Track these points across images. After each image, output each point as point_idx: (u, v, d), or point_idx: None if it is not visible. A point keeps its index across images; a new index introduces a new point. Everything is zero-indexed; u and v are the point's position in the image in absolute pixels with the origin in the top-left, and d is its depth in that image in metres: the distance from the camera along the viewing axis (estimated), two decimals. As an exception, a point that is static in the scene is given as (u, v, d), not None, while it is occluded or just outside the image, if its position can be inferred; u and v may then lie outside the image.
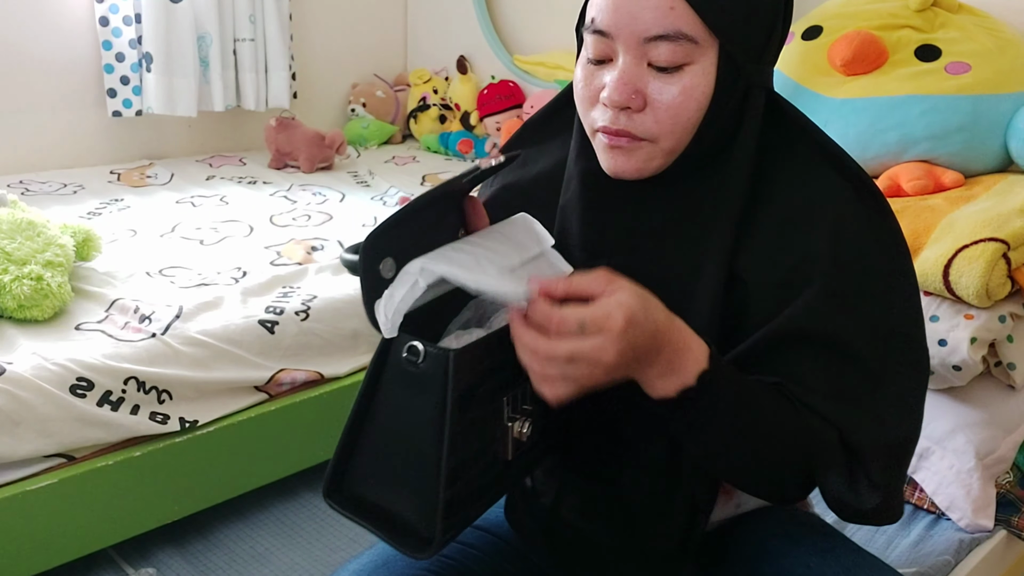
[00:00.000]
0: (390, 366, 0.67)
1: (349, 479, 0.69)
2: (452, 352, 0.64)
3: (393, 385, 0.67)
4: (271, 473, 1.63)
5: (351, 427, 0.69)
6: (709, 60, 0.72)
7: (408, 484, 0.67)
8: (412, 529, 0.67)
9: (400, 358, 0.65)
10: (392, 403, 0.67)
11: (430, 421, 0.65)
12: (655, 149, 0.75)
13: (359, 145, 2.92)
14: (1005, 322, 1.41)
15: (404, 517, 0.68)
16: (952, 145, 1.61)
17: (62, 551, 1.38)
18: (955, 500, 1.44)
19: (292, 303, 1.62)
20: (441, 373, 0.64)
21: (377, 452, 0.68)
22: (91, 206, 2.10)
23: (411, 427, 0.66)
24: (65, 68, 2.40)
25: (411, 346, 0.65)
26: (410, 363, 0.65)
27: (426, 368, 0.64)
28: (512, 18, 2.92)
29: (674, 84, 0.72)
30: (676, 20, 0.70)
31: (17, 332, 1.42)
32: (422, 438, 0.66)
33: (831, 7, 1.85)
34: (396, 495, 0.68)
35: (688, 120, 0.74)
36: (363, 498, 0.69)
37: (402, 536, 0.67)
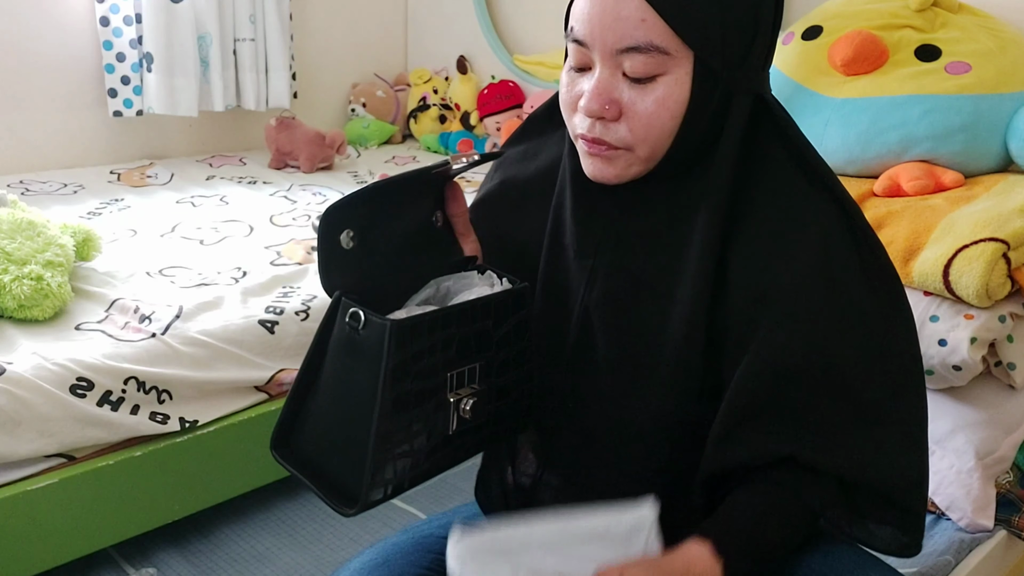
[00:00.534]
0: (335, 332, 0.70)
1: (296, 436, 0.73)
2: (391, 322, 0.67)
3: (337, 351, 0.70)
4: (271, 473, 1.63)
5: (297, 387, 0.72)
6: (684, 70, 0.72)
7: (344, 446, 0.70)
8: (345, 488, 0.71)
9: (344, 323, 0.69)
10: (335, 368, 0.71)
11: (367, 387, 0.68)
12: (632, 157, 0.76)
13: (359, 145, 2.92)
14: (1005, 322, 1.41)
15: (339, 476, 0.71)
16: (953, 145, 1.61)
17: (63, 551, 1.38)
18: (955, 500, 1.44)
19: (292, 303, 1.62)
20: (379, 342, 0.67)
21: (320, 413, 0.72)
22: (91, 206, 2.10)
23: (351, 392, 0.70)
24: (66, 68, 2.40)
25: (353, 312, 0.68)
26: (352, 328, 0.68)
27: (366, 336, 0.67)
28: (512, 18, 2.92)
29: (648, 94, 0.72)
30: (648, 32, 0.70)
31: (17, 332, 1.42)
32: (359, 403, 0.69)
33: (831, 7, 1.85)
34: (334, 455, 0.72)
35: (662, 130, 0.74)
36: (307, 456, 0.73)
37: (333, 493, 0.71)
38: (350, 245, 0.71)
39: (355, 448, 0.68)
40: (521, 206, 0.90)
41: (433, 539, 0.89)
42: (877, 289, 0.77)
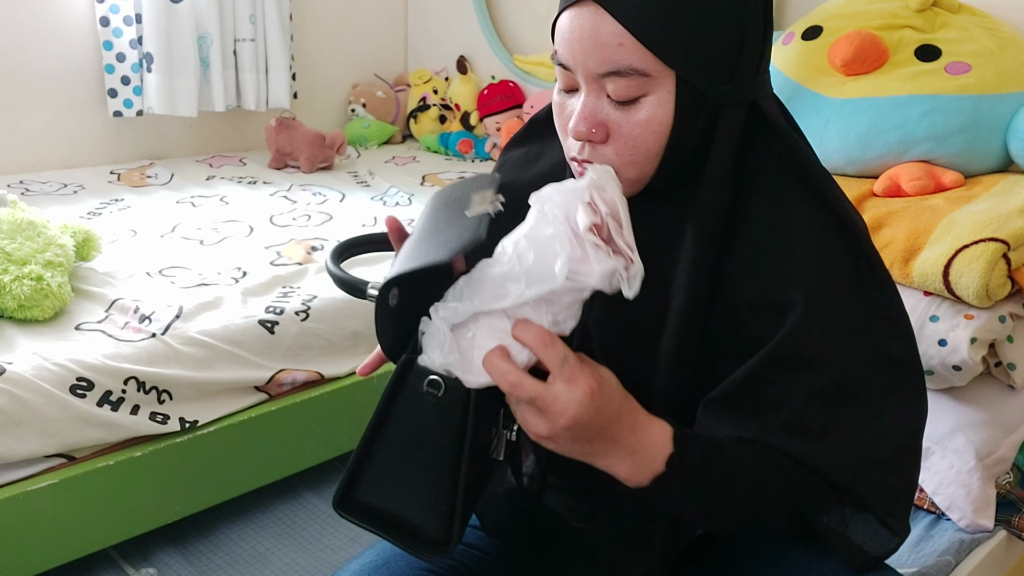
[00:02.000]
0: (408, 391, 0.71)
1: (359, 490, 0.73)
2: (473, 389, 0.68)
3: (410, 408, 0.71)
4: (271, 473, 1.63)
5: (366, 443, 0.72)
6: (666, 90, 0.71)
7: (422, 495, 0.72)
8: (422, 533, 0.72)
9: (418, 388, 0.70)
10: (408, 424, 0.71)
11: (445, 444, 0.70)
12: (621, 177, 0.75)
13: (359, 145, 2.92)
14: (1005, 322, 1.41)
15: (415, 524, 0.72)
16: (953, 145, 1.61)
17: (63, 551, 1.38)
18: (955, 500, 1.44)
19: (292, 303, 1.62)
20: (460, 405, 0.69)
21: (390, 466, 0.72)
22: (91, 206, 2.10)
23: (427, 446, 0.71)
24: (66, 68, 2.40)
25: (432, 380, 0.69)
26: (429, 395, 0.69)
27: (444, 400, 0.69)
28: (512, 18, 2.92)
29: (631, 116, 0.72)
30: (626, 56, 0.70)
31: (17, 332, 1.42)
32: (436, 457, 0.71)
33: (831, 7, 1.85)
34: (407, 505, 0.72)
35: (648, 151, 0.74)
36: (373, 507, 0.73)
37: (415, 541, 0.72)
38: (394, 302, 0.72)
39: (435, 499, 0.71)
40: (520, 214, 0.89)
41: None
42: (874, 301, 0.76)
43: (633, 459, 0.70)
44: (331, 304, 1.66)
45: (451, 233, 0.73)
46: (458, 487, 0.70)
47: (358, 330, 1.69)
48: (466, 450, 0.69)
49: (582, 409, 0.66)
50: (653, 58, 0.70)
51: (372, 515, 0.73)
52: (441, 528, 0.71)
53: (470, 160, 2.82)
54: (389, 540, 0.72)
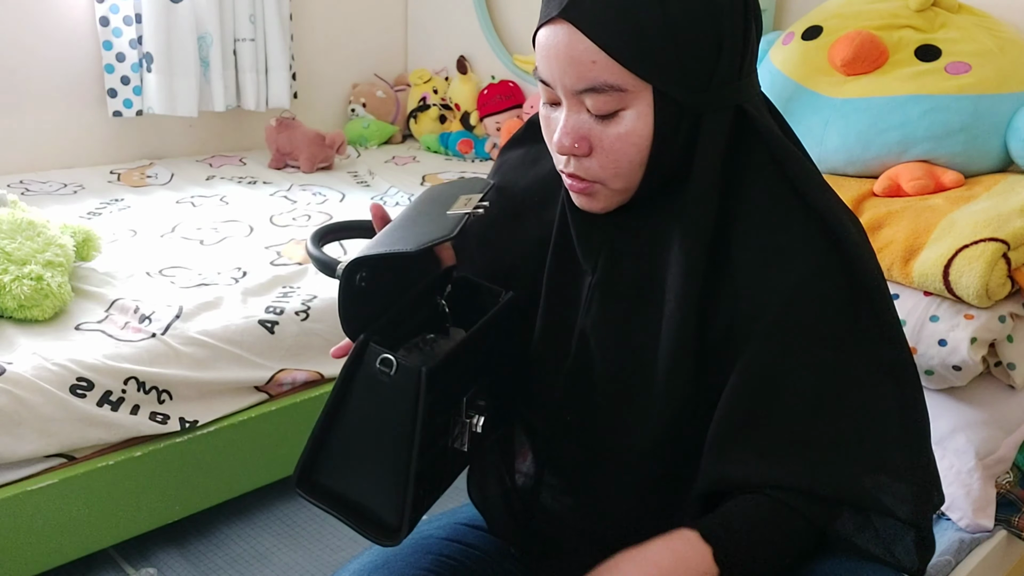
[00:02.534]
0: (362, 373, 0.71)
1: (319, 471, 0.74)
2: (424, 369, 0.68)
3: (364, 391, 0.72)
4: (271, 473, 1.63)
5: (322, 424, 0.73)
6: (644, 102, 0.71)
7: (375, 480, 0.72)
8: (377, 519, 0.72)
9: (373, 368, 0.70)
10: (362, 407, 0.72)
11: (399, 427, 0.70)
12: (607, 190, 0.76)
13: (359, 145, 2.92)
14: (1005, 322, 1.41)
15: (370, 508, 0.73)
16: (953, 145, 1.61)
17: (63, 551, 1.38)
18: (955, 500, 1.44)
19: (292, 303, 1.62)
20: (412, 387, 0.69)
21: (347, 450, 0.73)
22: (91, 206, 2.10)
23: (380, 430, 0.71)
24: (66, 68, 2.40)
25: (383, 358, 0.70)
26: (382, 374, 0.70)
27: (397, 380, 0.69)
28: (512, 18, 2.92)
29: (611, 130, 0.73)
30: (600, 73, 0.70)
31: (17, 332, 1.42)
32: (391, 441, 0.71)
33: (831, 7, 1.85)
34: (363, 489, 0.73)
35: (630, 163, 0.74)
36: (332, 490, 0.74)
37: (369, 525, 0.72)
38: (362, 284, 0.73)
39: (390, 483, 0.71)
40: (517, 215, 0.89)
41: (433, 540, 0.89)
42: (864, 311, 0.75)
43: None
44: (331, 304, 1.66)
45: (426, 227, 0.75)
46: (410, 472, 0.70)
47: (358, 330, 1.69)
48: (417, 433, 0.69)
49: None
50: (627, 73, 0.70)
51: (331, 497, 0.74)
52: (393, 514, 0.71)
53: (470, 160, 2.82)
54: (344, 522, 0.72)
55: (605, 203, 0.78)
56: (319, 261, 0.85)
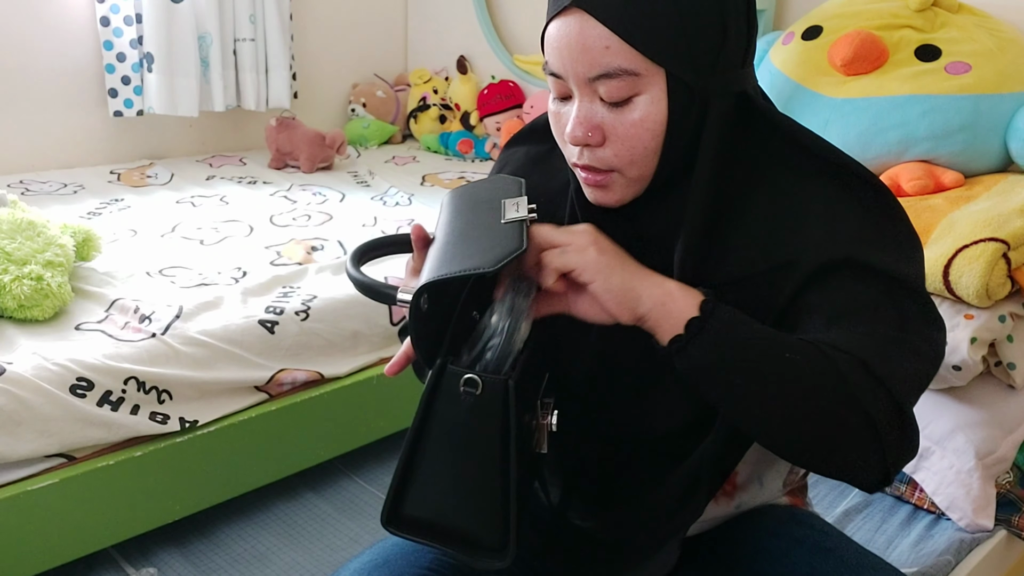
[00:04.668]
0: (444, 397, 0.69)
1: (407, 505, 0.72)
2: (511, 382, 0.67)
3: (449, 414, 0.70)
4: (271, 473, 1.63)
5: (406, 457, 0.71)
6: (658, 87, 0.72)
7: (471, 501, 0.70)
8: (476, 540, 0.70)
9: (456, 391, 0.68)
10: (448, 430, 0.70)
11: (491, 443, 0.68)
12: (623, 179, 0.77)
13: (359, 145, 2.92)
14: (1005, 322, 1.41)
15: (466, 531, 0.71)
16: (953, 145, 1.61)
17: (63, 551, 1.38)
18: (955, 500, 1.44)
19: (292, 303, 1.62)
20: (500, 400, 0.68)
21: (435, 477, 0.71)
22: (91, 206, 2.10)
23: (470, 450, 0.70)
24: (66, 68, 2.40)
25: (468, 379, 0.68)
26: (467, 395, 0.68)
27: (484, 398, 0.68)
28: (512, 18, 2.92)
29: (626, 116, 0.73)
30: (614, 58, 0.71)
31: (17, 332, 1.42)
32: (483, 459, 0.69)
33: (831, 7, 1.85)
34: (457, 513, 0.71)
35: (646, 149, 0.74)
36: (423, 521, 0.72)
37: (472, 548, 0.70)
38: (425, 307, 0.71)
39: (487, 503, 0.70)
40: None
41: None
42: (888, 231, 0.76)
43: (665, 290, 0.70)
44: (331, 304, 1.66)
45: (487, 240, 0.72)
46: (509, 487, 0.69)
47: (358, 330, 1.69)
48: (512, 446, 0.68)
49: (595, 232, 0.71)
50: (641, 57, 0.71)
51: (422, 527, 0.72)
52: (495, 533, 0.70)
53: (470, 160, 2.82)
54: (447, 550, 0.71)
55: (620, 195, 0.78)
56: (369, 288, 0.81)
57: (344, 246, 1.91)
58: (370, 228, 2.03)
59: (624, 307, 0.70)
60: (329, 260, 1.81)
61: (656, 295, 0.70)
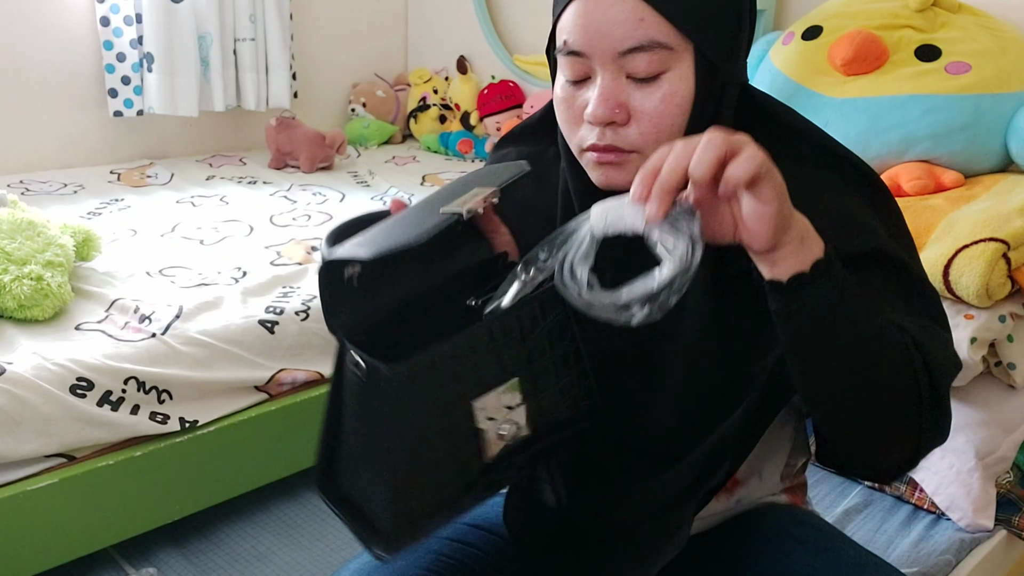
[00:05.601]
0: (345, 373, 0.67)
1: (337, 473, 0.71)
2: (384, 369, 0.63)
3: (350, 391, 0.68)
4: (271, 473, 1.63)
5: (327, 423, 0.70)
6: (686, 64, 0.73)
7: (374, 486, 0.68)
8: (377, 528, 0.68)
9: (349, 367, 0.66)
10: (351, 409, 0.68)
11: (379, 428, 0.65)
12: (643, 159, 0.73)
13: (359, 145, 2.92)
14: (1005, 322, 1.41)
15: (373, 515, 0.69)
16: (953, 145, 1.61)
17: (63, 551, 1.38)
18: (955, 500, 1.44)
19: (292, 303, 1.62)
20: (381, 385, 0.63)
21: (350, 451, 0.70)
22: (91, 206, 2.10)
23: (373, 431, 0.67)
24: (66, 68, 2.40)
25: (355, 360, 0.65)
26: (357, 373, 0.65)
27: (369, 379, 0.64)
28: (512, 18, 2.92)
29: (655, 92, 0.73)
30: (648, 30, 0.71)
31: (17, 332, 1.42)
32: (380, 442, 0.66)
33: (831, 7, 1.85)
34: (367, 494, 0.69)
35: (672, 126, 0.74)
36: (346, 493, 0.71)
37: (369, 535, 0.68)
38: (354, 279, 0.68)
39: (382, 489, 0.66)
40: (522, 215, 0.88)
41: (433, 540, 0.89)
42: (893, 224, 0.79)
43: (804, 224, 0.64)
44: (331, 304, 1.65)
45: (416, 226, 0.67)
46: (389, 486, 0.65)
47: (358, 330, 1.69)
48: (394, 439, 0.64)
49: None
50: (674, 31, 0.71)
51: (344, 502, 0.70)
52: (385, 525, 0.67)
53: (470, 160, 2.82)
54: (348, 527, 0.70)
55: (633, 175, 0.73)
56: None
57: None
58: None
59: (778, 231, 0.62)
60: (329, 260, 1.81)
61: (801, 226, 0.63)
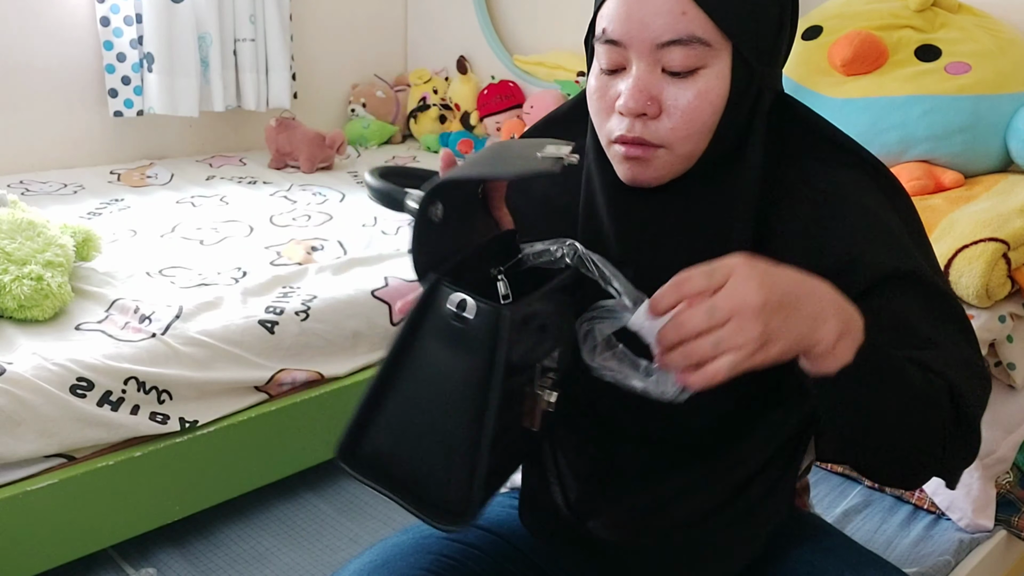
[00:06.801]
0: (431, 319, 0.61)
1: (369, 441, 0.63)
2: (505, 311, 0.59)
3: (432, 340, 0.61)
4: (271, 473, 1.63)
5: (378, 384, 0.62)
6: (723, 62, 0.72)
7: (439, 451, 0.62)
8: (437, 498, 0.62)
9: (444, 311, 0.60)
10: (428, 361, 0.62)
11: (472, 383, 0.60)
12: (671, 156, 0.75)
13: (359, 145, 2.92)
14: (1005, 322, 1.41)
15: (429, 486, 0.62)
16: (953, 145, 1.61)
17: (62, 551, 1.38)
18: (955, 500, 1.44)
19: (292, 303, 1.62)
20: (491, 332, 0.59)
21: (404, 413, 0.63)
22: (91, 206, 2.10)
23: (448, 388, 0.61)
24: (66, 68, 2.40)
25: (460, 300, 0.60)
26: (455, 318, 0.60)
27: (475, 326, 0.59)
28: (512, 18, 2.92)
29: (689, 88, 0.72)
30: (688, 24, 0.70)
31: (17, 332, 1.42)
32: (460, 401, 0.61)
33: (831, 7, 1.85)
34: (422, 463, 0.62)
35: (704, 124, 0.73)
36: (380, 462, 0.63)
37: (427, 505, 0.62)
38: (438, 218, 0.63)
39: (456, 453, 0.61)
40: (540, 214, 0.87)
41: (433, 539, 0.89)
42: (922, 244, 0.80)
43: (842, 319, 0.62)
44: (331, 304, 1.66)
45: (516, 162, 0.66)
46: (482, 444, 0.60)
47: (358, 330, 1.69)
48: (495, 391, 0.59)
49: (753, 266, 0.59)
50: (714, 27, 0.71)
51: (380, 472, 0.63)
52: (455, 491, 0.61)
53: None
54: (396, 501, 0.62)
55: (660, 172, 0.76)
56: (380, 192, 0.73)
57: (344, 246, 1.91)
58: (370, 228, 2.03)
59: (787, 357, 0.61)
60: (329, 260, 1.81)
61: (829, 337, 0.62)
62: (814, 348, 0.62)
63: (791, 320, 0.60)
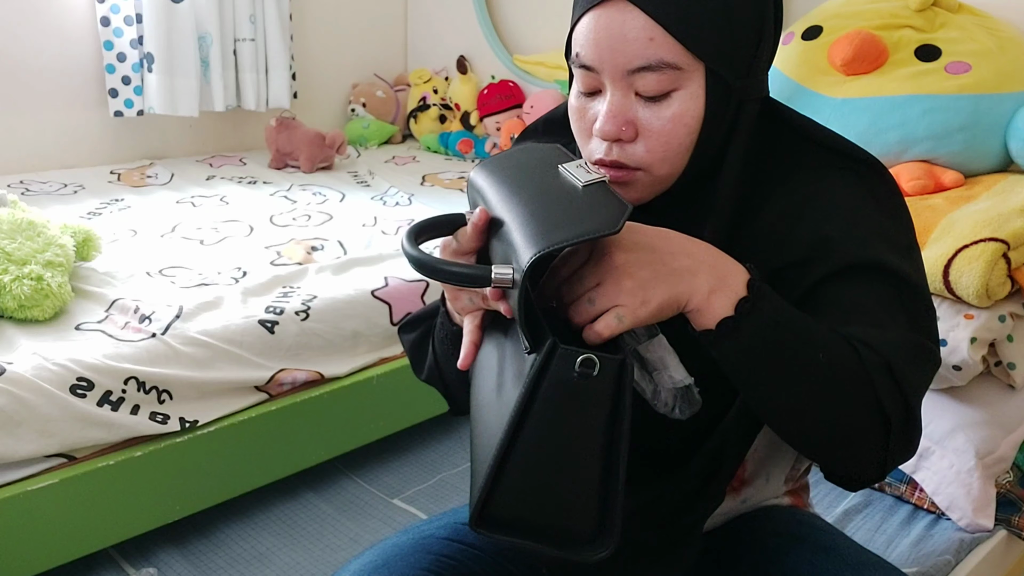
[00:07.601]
0: (552, 382, 0.64)
1: (495, 505, 0.66)
2: (628, 360, 0.63)
3: (556, 400, 0.64)
4: (271, 473, 1.63)
5: (503, 450, 0.65)
6: (697, 83, 0.72)
7: (568, 492, 0.66)
8: (571, 535, 0.66)
9: (569, 373, 0.63)
10: (552, 419, 0.65)
11: (599, 429, 0.64)
12: (649, 178, 0.75)
13: (359, 145, 2.92)
14: (1005, 322, 1.41)
15: (559, 525, 0.66)
16: (953, 145, 1.61)
17: (63, 551, 1.38)
18: (955, 500, 1.44)
19: (292, 303, 1.62)
20: (616, 382, 0.63)
21: (530, 472, 0.66)
22: (91, 206, 2.10)
23: (574, 438, 0.65)
24: (66, 68, 2.40)
25: (585, 358, 0.63)
26: (582, 376, 0.63)
27: (599, 379, 0.63)
28: (512, 18, 2.92)
29: (663, 111, 0.72)
30: (657, 50, 0.70)
31: (17, 332, 1.42)
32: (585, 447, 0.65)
33: (831, 7, 1.85)
34: (552, 506, 0.66)
35: (680, 146, 0.74)
36: (514, 518, 0.67)
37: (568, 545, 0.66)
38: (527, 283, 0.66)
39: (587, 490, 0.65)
40: None
41: (433, 540, 0.89)
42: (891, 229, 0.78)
43: (715, 274, 0.65)
44: (331, 304, 1.66)
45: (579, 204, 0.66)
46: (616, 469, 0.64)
47: (358, 330, 1.69)
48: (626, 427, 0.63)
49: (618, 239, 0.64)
50: (684, 51, 0.70)
51: (514, 526, 0.66)
52: (592, 523, 0.65)
53: (470, 160, 2.82)
54: (541, 548, 0.66)
55: (642, 193, 0.76)
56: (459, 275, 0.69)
57: (344, 246, 1.91)
58: (370, 228, 2.03)
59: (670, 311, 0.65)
60: (329, 260, 1.81)
61: (701, 290, 0.65)
62: (689, 301, 0.65)
63: (661, 274, 0.64)
